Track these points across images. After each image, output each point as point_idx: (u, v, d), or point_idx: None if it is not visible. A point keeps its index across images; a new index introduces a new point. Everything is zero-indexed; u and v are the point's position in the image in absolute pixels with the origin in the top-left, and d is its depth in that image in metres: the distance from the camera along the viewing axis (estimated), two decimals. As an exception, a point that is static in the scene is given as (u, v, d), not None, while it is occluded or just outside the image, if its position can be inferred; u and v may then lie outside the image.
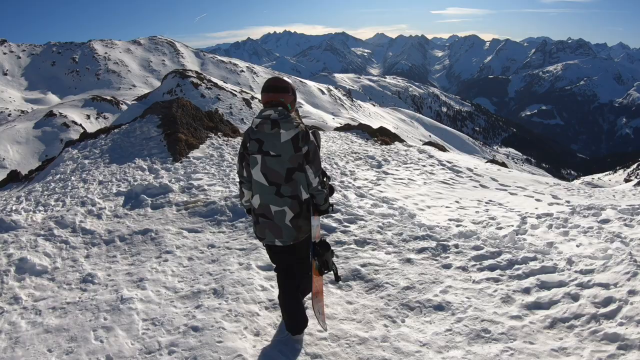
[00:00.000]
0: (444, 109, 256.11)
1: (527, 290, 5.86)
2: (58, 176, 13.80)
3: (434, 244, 7.39)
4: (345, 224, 8.30)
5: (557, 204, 11.47)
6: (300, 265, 5.00)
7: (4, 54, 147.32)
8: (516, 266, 6.51)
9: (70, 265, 7.23)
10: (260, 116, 4.58)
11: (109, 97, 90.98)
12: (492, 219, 9.51)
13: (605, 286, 5.71)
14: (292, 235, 4.70)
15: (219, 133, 18.06)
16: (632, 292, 5.43)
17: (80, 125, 69.95)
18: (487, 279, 6.22)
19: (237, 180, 5.51)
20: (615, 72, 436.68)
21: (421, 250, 7.19)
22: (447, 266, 6.67)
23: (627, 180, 75.36)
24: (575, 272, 6.20)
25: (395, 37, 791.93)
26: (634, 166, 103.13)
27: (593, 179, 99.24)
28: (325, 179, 4.94)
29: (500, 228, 8.74)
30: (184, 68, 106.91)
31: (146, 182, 11.22)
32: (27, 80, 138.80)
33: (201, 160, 14.12)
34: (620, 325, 4.90)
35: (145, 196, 10.33)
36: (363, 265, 6.69)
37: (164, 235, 8.19)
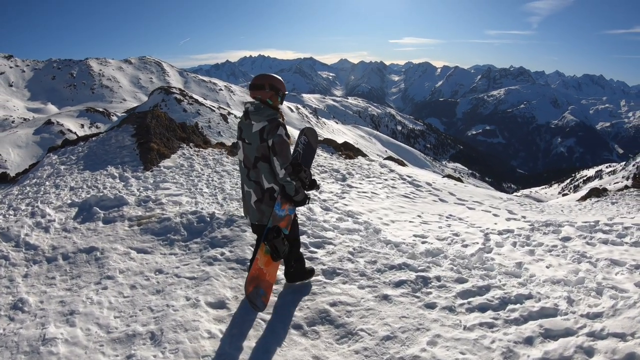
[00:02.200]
0: (399, 128, 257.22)
1: (529, 341, 4.42)
2: (34, 180, 12.76)
3: (412, 275, 5.82)
4: (312, 248, 6.68)
5: (514, 219, 11.15)
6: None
7: (10, 67, 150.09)
8: (510, 306, 5.09)
9: (5, 286, 5.85)
10: (244, 107, 4.87)
11: (101, 109, 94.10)
12: (456, 235, 8.74)
13: (622, 337, 4.33)
14: (255, 216, 5.00)
15: (190, 144, 17.02)
16: (658, 347, 4.05)
17: (75, 133, 71.29)
18: (480, 325, 4.75)
19: None
20: (552, 97, 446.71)
21: (399, 284, 5.61)
22: (431, 306, 5.15)
23: (564, 194, 76.20)
24: (582, 316, 4.82)
25: (357, 63, 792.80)
26: (567, 181, 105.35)
27: (531, 192, 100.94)
28: (303, 173, 4.91)
29: (466, 246, 7.90)
30: (169, 85, 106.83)
31: (101, 194, 9.62)
32: (29, 92, 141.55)
33: (171, 169, 13.09)
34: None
35: (98, 209, 8.64)
36: (332, 305, 5.12)
37: (110, 256, 6.59)
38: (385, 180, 14.65)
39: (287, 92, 5.01)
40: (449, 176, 26.17)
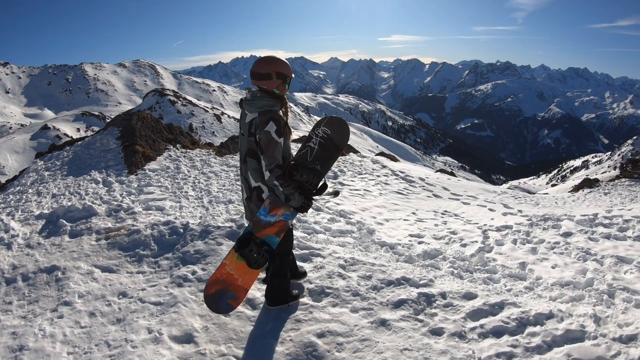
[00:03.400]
0: (390, 123, 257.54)
1: (558, 377, 3.41)
2: (18, 188, 12.08)
3: (414, 293, 4.79)
4: (299, 263, 5.53)
5: (511, 213, 10.50)
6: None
7: (6, 74, 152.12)
8: (529, 329, 4.15)
9: (-41, 314, 4.89)
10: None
11: (97, 113, 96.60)
12: (453, 233, 8.30)
13: (667, 369, 3.39)
14: (247, 214, 4.40)
15: (177, 145, 16.27)
16: None
17: (71, 137, 70.33)
18: (498, 356, 3.80)
19: None
20: (538, 90, 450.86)
21: (399, 305, 4.59)
22: (437, 332, 4.16)
23: (552, 185, 75.86)
24: (613, 339, 3.92)
25: (347, 61, 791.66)
26: (555, 172, 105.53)
27: (519, 183, 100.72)
28: (300, 176, 4.08)
29: (465, 245, 7.40)
30: (163, 87, 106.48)
31: (69, 204, 8.64)
32: (26, 98, 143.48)
33: (157, 172, 12.41)
34: None
35: (64, 221, 7.51)
36: (320, 335, 4.12)
37: (71, 276, 5.56)
38: (378, 176, 14.02)
39: (293, 76, 4.13)
40: (442, 170, 25.55)
